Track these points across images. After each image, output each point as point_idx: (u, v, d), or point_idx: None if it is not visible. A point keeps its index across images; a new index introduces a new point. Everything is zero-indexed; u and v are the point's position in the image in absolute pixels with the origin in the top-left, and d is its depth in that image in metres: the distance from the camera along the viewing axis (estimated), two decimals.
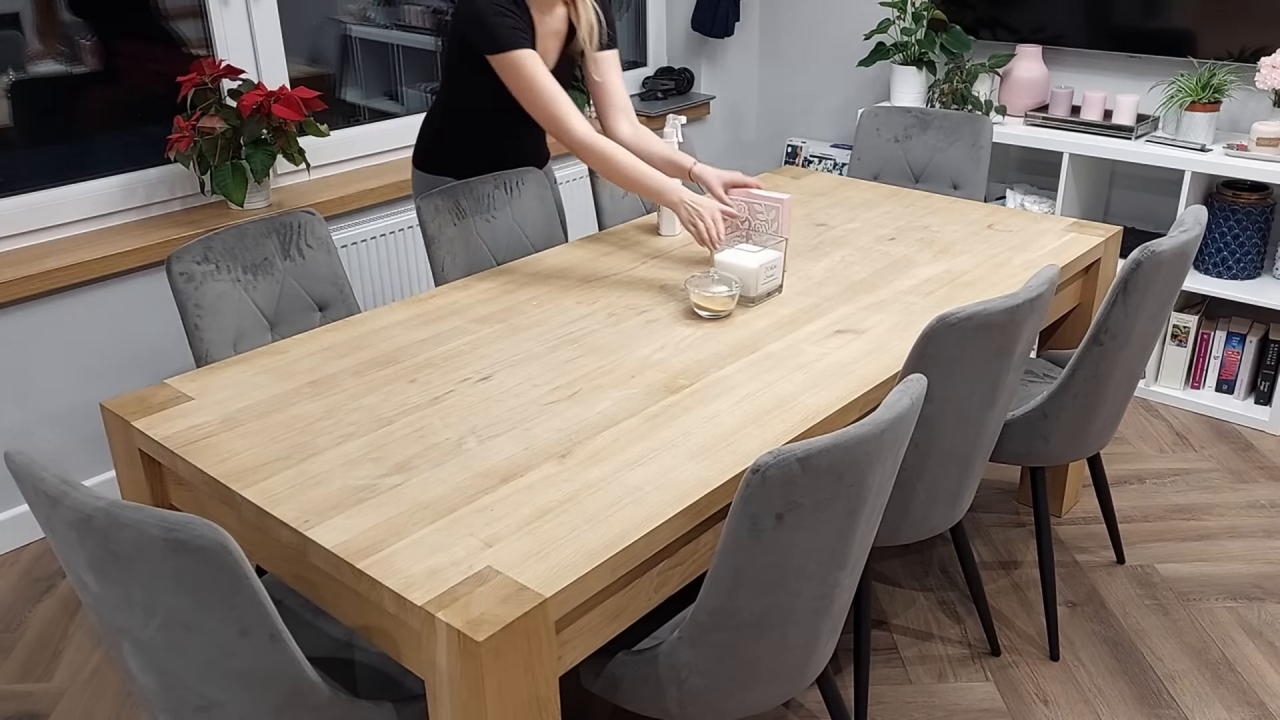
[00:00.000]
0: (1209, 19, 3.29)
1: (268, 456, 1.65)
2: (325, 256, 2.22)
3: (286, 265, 2.16)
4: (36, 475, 1.25)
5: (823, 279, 2.34)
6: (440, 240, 2.40)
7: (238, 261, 2.11)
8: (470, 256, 2.46)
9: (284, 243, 2.16)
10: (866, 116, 3.24)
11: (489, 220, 2.48)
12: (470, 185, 2.48)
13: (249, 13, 3.00)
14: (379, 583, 1.36)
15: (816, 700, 2.22)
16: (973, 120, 3.09)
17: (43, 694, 2.27)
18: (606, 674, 1.61)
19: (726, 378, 1.88)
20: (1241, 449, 3.16)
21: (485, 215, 2.48)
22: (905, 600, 2.53)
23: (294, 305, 2.20)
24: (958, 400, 1.83)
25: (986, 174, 3.09)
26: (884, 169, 3.24)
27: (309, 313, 2.22)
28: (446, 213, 2.41)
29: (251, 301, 2.11)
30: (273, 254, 2.15)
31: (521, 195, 2.56)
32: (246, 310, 2.11)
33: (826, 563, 1.47)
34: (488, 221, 2.47)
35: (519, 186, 2.56)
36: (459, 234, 2.43)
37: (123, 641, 1.34)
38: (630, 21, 4.24)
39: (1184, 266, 2.11)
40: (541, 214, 2.61)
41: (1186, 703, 2.20)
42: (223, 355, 2.07)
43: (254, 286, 2.12)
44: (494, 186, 2.52)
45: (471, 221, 2.45)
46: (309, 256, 2.19)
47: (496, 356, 1.98)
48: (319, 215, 2.25)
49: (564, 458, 1.63)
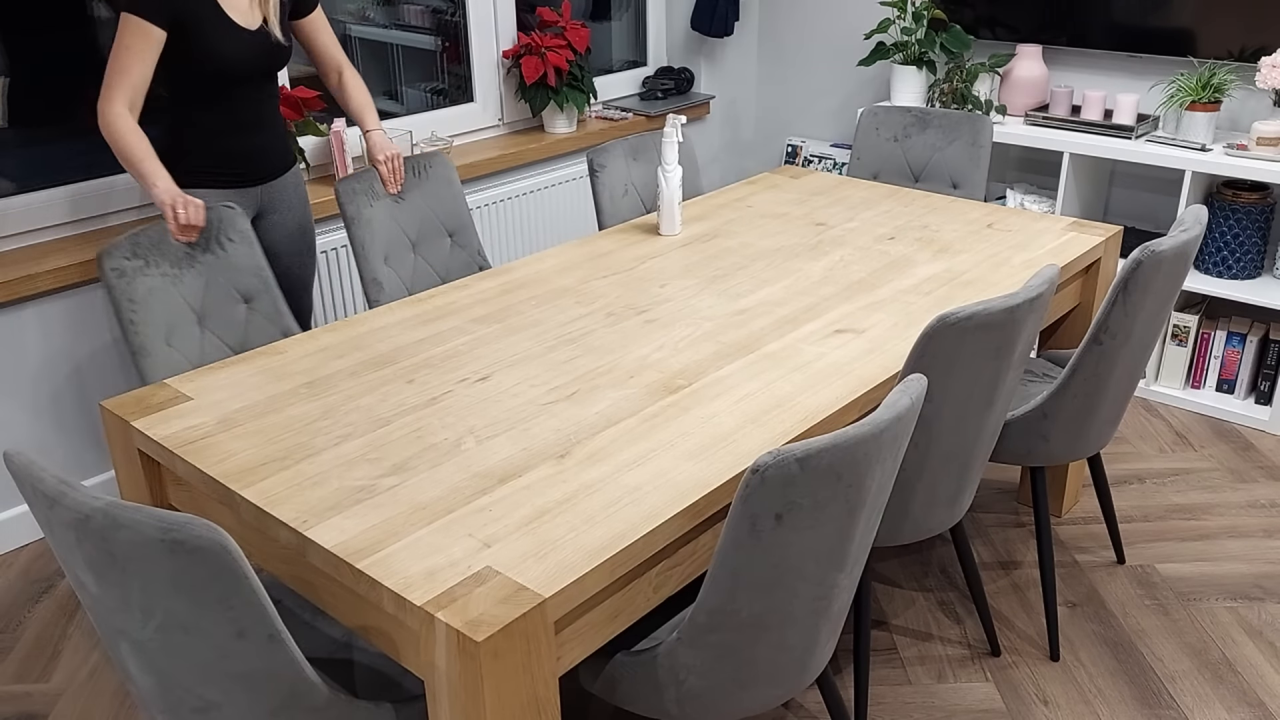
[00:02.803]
0: (1209, 18, 3.28)
1: (266, 457, 1.65)
2: (247, 249, 2.28)
3: (209, 259, 2.22)
4: (35, 475, 1.25)
5: (822, 278, 2.33)
6: (359, 220, 2.51)
7: (164, 256, 2.17)
8: (386, 235, 2.57)
9: (205, 237, 2.22)
10: (866, 116, 3.24)
11: (397, 202, 2.60)
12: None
13: None
14: (378, 583, 1.36)
15: (816, 700, 2.22)
16: (972, 120, 3.09)
17: (41, 694, 2.27)
18: (605, 674, 1.60)
19: (725, 378, 1.88)
20: (1241, 449, 3.15)
21: (396, 196, 2.60)
22: (905, 600, 2.53)
23: (220, 298, 2.25)
24: (957, 400, 1.83)
25: (986, 173, 3.09)
26: (883, 168, 3.24)
27: (235, 305, 2.26)
28: (363, 195, 2.53)
29: (180, 295, 2.17)
30: (195, 249, 2.21)
31: (430, 178, 2.67)
32: (175, 304, 2.17)
33: (826, 563, 1.47)
34: (397, 203, 2.59)
35: (427, 170, 2.68)
36: (375, 214, 2.54)
37: (121, 642, 1.34)
38: (630, 21, 4.24)
39: (1184, 266, 2.10)
40: (449, 194, 2.71)
41: (1186, 703, 2.20)
42: (157, 349, 2.13)
43: (181, 280, 2.18)
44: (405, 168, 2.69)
45: (385, 204, 2.57)
46: (230, 250, 2.25)
47: (494, 357, 1.98)
48: (239, 209, 2.29)
49: (562, 458, 1.63)
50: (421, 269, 2.65)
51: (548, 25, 3.62)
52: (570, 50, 3.55)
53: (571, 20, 3.61)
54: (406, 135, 3.23)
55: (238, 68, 2.35)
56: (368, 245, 2.50)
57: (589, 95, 3.66)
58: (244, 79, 2.38)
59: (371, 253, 2.51)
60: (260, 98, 2.45)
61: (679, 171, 2.57)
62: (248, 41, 2.35)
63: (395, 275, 2.57)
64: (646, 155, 2.97)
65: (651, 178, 2.96)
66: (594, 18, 4.11)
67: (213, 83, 2.35)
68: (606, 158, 2.84)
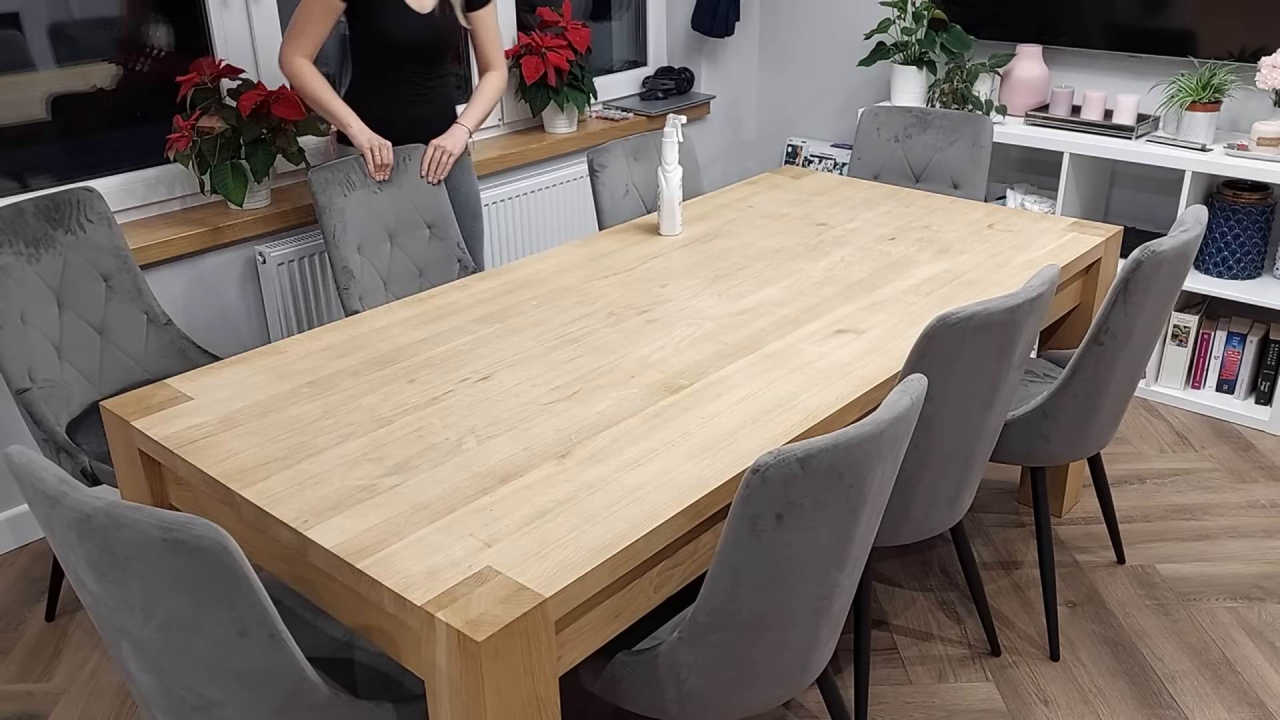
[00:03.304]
0: (1209, 19, 3.28)
1: (267, 456, 1.65)
2: (106, 230, 2.39)
3: (68, 240, 2.33)
4: (36, 475, 1.25)
5: (823, 279, 2.33)
6: (330, 210, 2.57)
7: (20, 237, 2.26)
8: (361, 225, 2.62)
9: (65, 218, 2.33)
10: (866, 116, 3.24)
11: (375, 192, 2.66)
12: (362, 160, 2.66)
13: (249, 13, 2.99)
14: (379, 583, 1.36)
15: (816, 700, 2.22)
16: (973, 120, 3.09)
17: (42, 694, 2.27)
18: (606, 674, 1.61)
19: (726, 378, 1.88)
20: (1242, 449, 3.15)
21: (374, 187, 2.66)
22: (905, 600, 2.53)
23: (79, 277, 2.37)
24: (958, 400, 1.83)
25: (987, 173, 3.09)
26: (884, 168, 3.24)
27: (94, 283, 2.39)
28: (336, 185, 2.59)
29: (36, 274, 2.27)
30: (53, 230, 2.31)
31: (408, 170, 2.72)
32: (31, 283, 2.26)
33: (826, 563, 1.47)
34: (375, 193, 2.66)
35: (405, 163, 2.72)
36: (349, 203, 2.60)
37: (122, 641, 1.34)
38: (630, 21, 4.24)
39: (1184, 266, 2.10)
40: (430, 186, 2.76)
41: (1187, 703, 2.20)
42: (11, 327, 2.20)
43: (36, 260, 2.27)
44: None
45: (361, 193, 2.62)
46: (90, 230, 2.36)
47: (496, 356, 1.98)
48: (98, 191, 2.41)
49: (563, 458, 1.63)
50: (399, 259, 2.69)
51: (548, 25, 3.62)
52: (571, 50, 3.56)
53: (572, 20, 3.62)
54: None
55: (405, 45, 2.64)
56: (339, 234, 2.56)
57: (589, 95, 3.66)
58: (412, 56, 2.67)
59: (343, 241, 2.57)
60: (428, 74, 2.73)
61: (679, 171, 2.57)
62: (419, 23, 2.64)
63: (370, 265, 2.62)
64: (647, 155, 2.97)
65: (653, 178, 2.96)
66: (594, 18, 4.11)
67: (383, 55, 2.65)
68: (607, 158, 2.84)
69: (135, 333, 2.45)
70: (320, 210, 2.55)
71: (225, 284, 2.97)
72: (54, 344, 2.29)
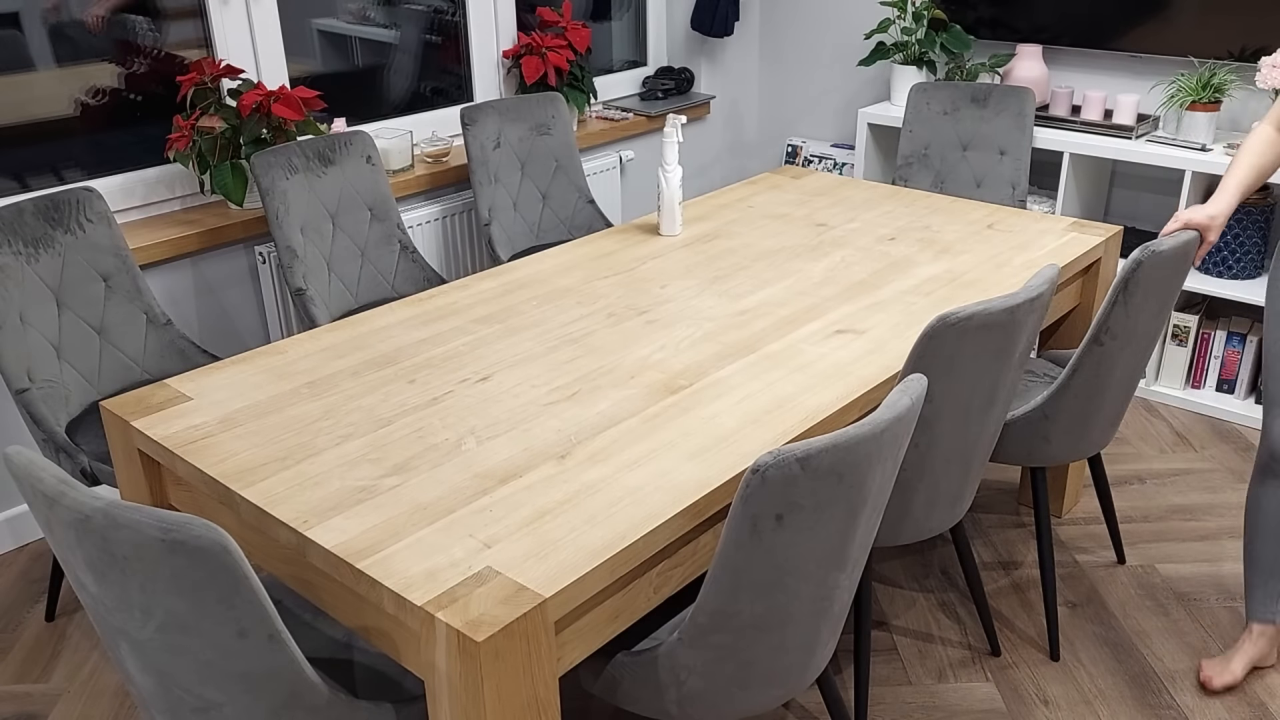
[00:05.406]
0: (1209, 18, 3.28)
1: (266, 457, 1.65)
2: (105, 230, 2.40)
3: (68, 240, 2.33)
4: (35, 475, 1.24)
5: (823, 279, 2.33)
6: (273, 192, 2.65)
7: (19, 237, 2.27)
8: (304, 207, 2.71)
9: (64, 218, 2.33)
10: (915, 91, 3.52)
11: (319, 175, 2.73)
12: (301, 145, 2.71)
13: (249, 12, 2.99)
14: (378, 583, 1.36)
15: (816, 701, 2.22)
16: (1017, 92, 3.37)
17: (41, 695, 2.27)
18: (606, 675, 1.60)
19: (726, 378, 1.88)
20: (1242, 449, 3.15)
21: (316, 171, 2.72)
22: (905, 601, 2.53)
23: (79, 277, 2.38)
24: (958, 400, 1.83)
25: (1031, 140, 3.36)
26: (933, 140, 3.51)
27: (94, 283, 2.40)
28: (279, 168, 2.66)
29: (35, 274, 2.28)
30: (52, 230, 2.32)
31: (350, 154, 2.79)
32: (30, 283, 2.27)
33: (826, 563, 1.47)
34: (318, 176, 2.73)
35: (346, 147, 2.80)
36: (291, 186, 2.67)
37: (121, 642, 1.34)
38: (630, 21, 4.24)
39: (1184, 266, 2.10)
40: (368, 171, 2.85)
41: (1186, 703, 2.19)
42: (10, 327, 2.21)
43: (36, 259, 2.28)
44: (324, 146, 2.79)
45: (304, 176, 2.71)
46: (89, 230, 2.37)
47: (495, 357, 1.98)
48: (97, 191, 2.41)
49: (563, 458, 1.63)
50: (341, 241, 2.79)
51: (548, 25, 3.62)
52: (571, 50, 3.55)
53: (572, 20, 3.61)
54: (407, 135, 3.23)
55: None
56: (281, 215, 2.65)
57: (589, 95, 3.66)
58: None
59: (285, 222, 2.65)
60: None
61: (679, 172, 2.57)
62: None
63: (312, 245, 2.72)
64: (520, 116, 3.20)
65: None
66: (594, 18, 4.11)
67: None
68: (478, 114, 3.09)
69: (135, 333, 2.45)
70: (263, 192, 2.65)
71: (225, 284, 2.97)
72: (53, 344, 2.29)
